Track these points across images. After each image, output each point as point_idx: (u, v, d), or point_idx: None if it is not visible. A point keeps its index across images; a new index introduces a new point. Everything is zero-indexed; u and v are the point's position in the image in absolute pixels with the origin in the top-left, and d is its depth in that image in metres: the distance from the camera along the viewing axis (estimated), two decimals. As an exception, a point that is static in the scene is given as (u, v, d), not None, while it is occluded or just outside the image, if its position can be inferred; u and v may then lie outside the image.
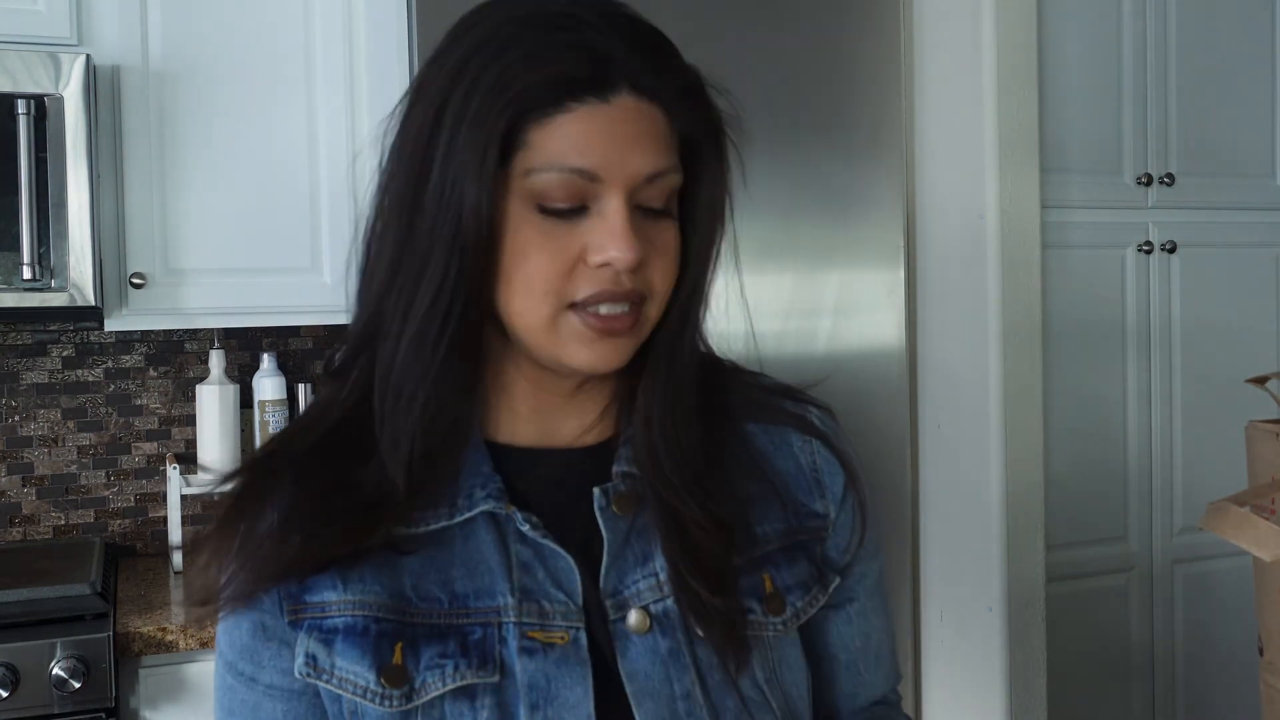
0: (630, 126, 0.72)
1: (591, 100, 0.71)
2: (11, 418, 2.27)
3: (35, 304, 1.90)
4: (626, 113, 0.72)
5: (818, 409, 0.89)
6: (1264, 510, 1.32)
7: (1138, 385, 2.39)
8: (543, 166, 0.71)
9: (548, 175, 0.71)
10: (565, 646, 0.75)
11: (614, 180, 0.72)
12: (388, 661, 0.74)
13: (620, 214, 0.72)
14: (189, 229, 2.06)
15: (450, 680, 0.73)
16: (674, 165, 0.75)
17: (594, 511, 0.78)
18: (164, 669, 1.85)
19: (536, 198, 0.72)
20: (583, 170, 0.71)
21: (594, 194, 0.72)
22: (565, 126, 0.71)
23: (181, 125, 2.06)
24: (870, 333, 2.10)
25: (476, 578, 0.76)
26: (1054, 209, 2.24)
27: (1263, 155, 2.51)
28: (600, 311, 0.73)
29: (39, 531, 2.28)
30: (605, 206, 0.72)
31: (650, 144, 0.73)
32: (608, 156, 0.71)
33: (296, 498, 0.76)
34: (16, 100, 1.86)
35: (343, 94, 2.13)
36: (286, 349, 2.41)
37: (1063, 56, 2.27)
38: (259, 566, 0.75)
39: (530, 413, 0.81)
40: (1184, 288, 2.42)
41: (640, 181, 0.73)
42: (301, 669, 0.75)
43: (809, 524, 0.84)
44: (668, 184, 0.75)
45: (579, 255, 0.72)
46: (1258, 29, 2.48)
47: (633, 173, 0.72)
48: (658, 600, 0.78)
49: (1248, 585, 1.60)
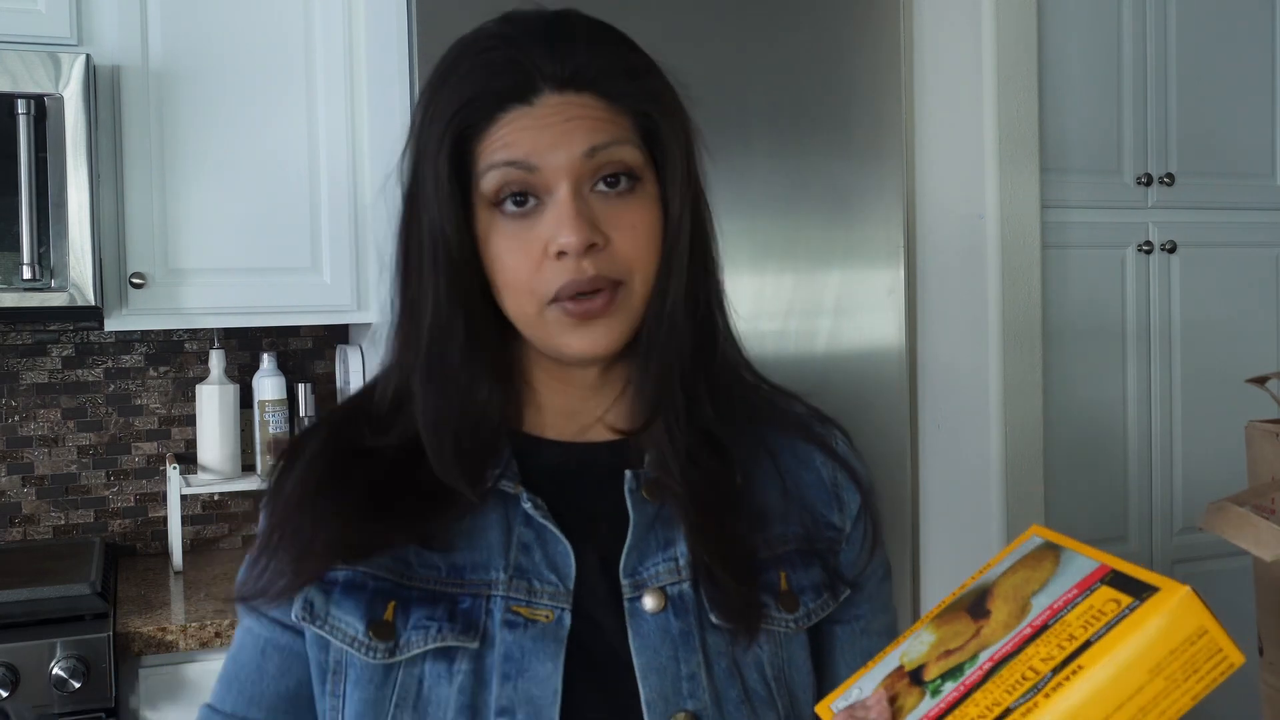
0: (557, 117, 0.75)
1: (517, 107, 0.76)
2: (11, 418, 2.27)
3: (35, 304, 1.90)
4: (551, 109, 0.76)
5: (841, 433, 0.92)
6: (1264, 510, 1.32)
7: (1138, 385, 2.39)
8: (484, 168, 0.76)
9: (488, 176, 0.76)
10: (547, 625, 0.78)
11: (553, 167, 0.75)
12: (379, 617, 0.78)
13: (566, 201, 0.75)
14: (189, 229, 2.06)
15: (433, 640, 0.77)
16: (619, 139, 0.77)
17: (619, 498, 0.81)
18: (164, 669, 1.85)
19: (490, 200, 0.77)
20: (514, 161, 0.75)
21: (542, 186, 0.76)
22: (496, 134, 0.76)
23: (181, 125, 2.06)
24: (870, 333, 2.10)
25: (476, 552, 0.80)
26: (1054, 209, 2.24)
27: (1263, 155, 2.51)
28: (576, 299, 0.76)
29: (39, 531, 2.28)
30: (555, 196, 0.75)
31: (584, 126, 0.76)
32: (537, 147, 0.75)
33: (347, 494, 0.80)
34: (16, 100, 1.86)
35: (343, 94, 2.13)
36: (286, 349, 2.41)
37: (1063, 56, 2.27)
38: (316, 553, 0.80)
39: (555, 407, 0.85)
40: (1184, 288, 2.42)
41: (580, 161, 0.75)
42: (299, 612, 0.80)
43: (825, 534, 0.87)
44: (616, 156, 0.77)
45: (543, 250, 0.76)
46: (1258, 29, 2.48)
47: (569, 155, 0.75)
48: (675, 584, 0.80)
49: (1248, 585, 1.60)
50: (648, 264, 0.78)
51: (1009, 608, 0.70)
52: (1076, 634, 0.65)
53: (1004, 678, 0.66)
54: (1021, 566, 0.74)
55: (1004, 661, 0.67)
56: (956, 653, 0.70)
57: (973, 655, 0.69)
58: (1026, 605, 0.70)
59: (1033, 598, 0.70)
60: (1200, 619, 0.62)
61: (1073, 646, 0.64)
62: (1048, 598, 0.69)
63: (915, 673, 0.72)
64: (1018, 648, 0.67)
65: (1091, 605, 0.66)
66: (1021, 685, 0.64)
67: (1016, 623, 0.69)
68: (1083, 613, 0.66)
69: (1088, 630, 0.64)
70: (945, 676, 0.69)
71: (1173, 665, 0.62)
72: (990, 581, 0.75)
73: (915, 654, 0.73)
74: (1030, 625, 0.68)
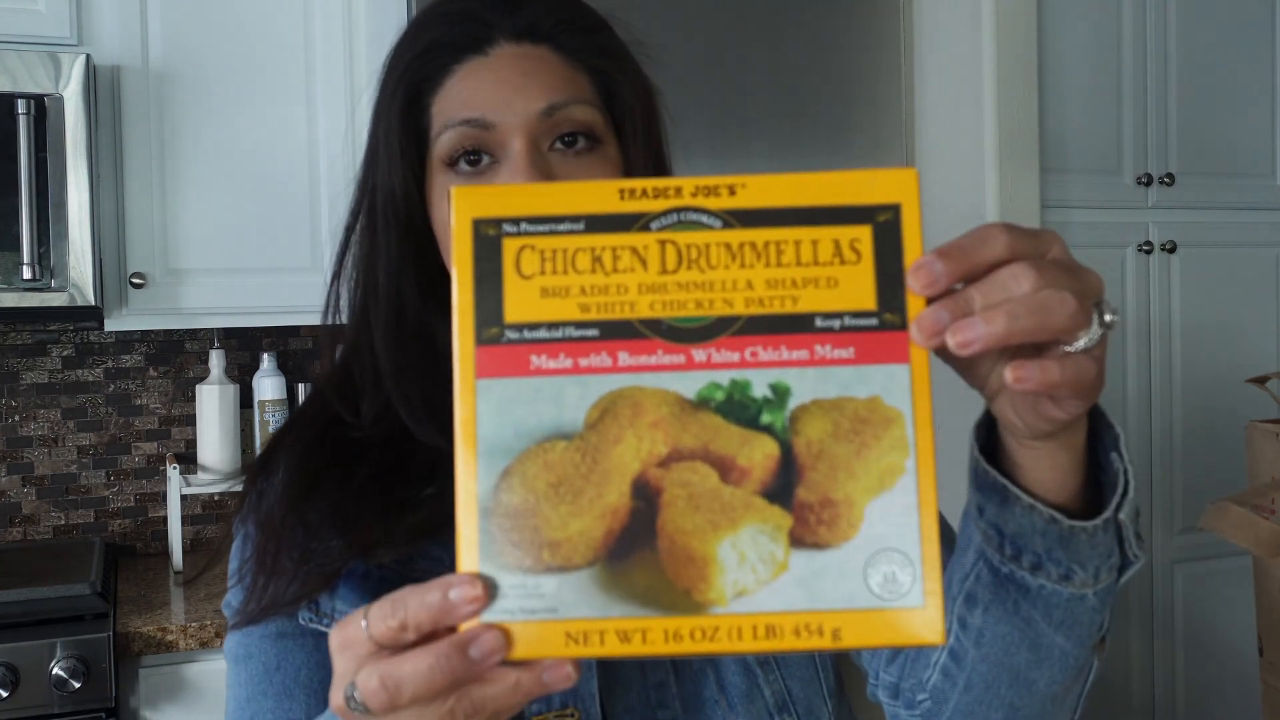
0: (513, 70, 0.73)
1: (471, 58, 0.74)
2: (11, 418, 2.27)
3: (35, 304, 1.90)
4: (506, 60, 0.74)
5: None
6: (1264, 510, 1.32)
7: (1138, 385, 2.39)
8: (439, 129, 0.74)
9: (444, 136, 0.74)
10: None
11: (508, 125, 0.72)
12: None
13: (521, 156, 0.72)
14: (189, 229, 2.06)
15: None
16: (577, 97, 0.74)
17: None
18: (164, 669, 1.85)
19: (445, 160, 0.74)
20: (471, 120, 0.73)
21: (498, 143, 0.73)
22: (453, 88, 0.74)
23: (181, 125, 2.06)
24: (870, 333, 2.10)
25: None
26: (1054, 209, 2.25)
27: (1263, 155, 2.51)
28: None
29: (39, 531, 2.28)
30: (509, 152, 0.73)
31: (540, 81, 0.73)
32: (493, 102, 0.72)
33: (338, 499, 0.76)
34: (16, 100, 1.86)
35: (342, 94, 2.13)
36: (286, 349, 2.41)
37: (1063, 56, 2.27)
38: (310, 573, 0.75)
39: None
40: (1184, 287, 2.42)
41: (537, 119, 0.73)
42: (305, 615, 0.76)
43: None
44: (574, 115, 0.74)
45: None
46: (1258, 29, 2.48)
47: (524, 111, 0.72)
48: None
49: (1248, 585, 1.60)
50: None
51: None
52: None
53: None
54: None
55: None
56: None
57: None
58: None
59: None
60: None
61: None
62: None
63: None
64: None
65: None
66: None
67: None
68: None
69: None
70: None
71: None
72: None
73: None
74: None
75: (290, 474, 0.78)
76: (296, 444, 0.80)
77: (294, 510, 0.76)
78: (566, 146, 0.74)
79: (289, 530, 0.76)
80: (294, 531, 0.76)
